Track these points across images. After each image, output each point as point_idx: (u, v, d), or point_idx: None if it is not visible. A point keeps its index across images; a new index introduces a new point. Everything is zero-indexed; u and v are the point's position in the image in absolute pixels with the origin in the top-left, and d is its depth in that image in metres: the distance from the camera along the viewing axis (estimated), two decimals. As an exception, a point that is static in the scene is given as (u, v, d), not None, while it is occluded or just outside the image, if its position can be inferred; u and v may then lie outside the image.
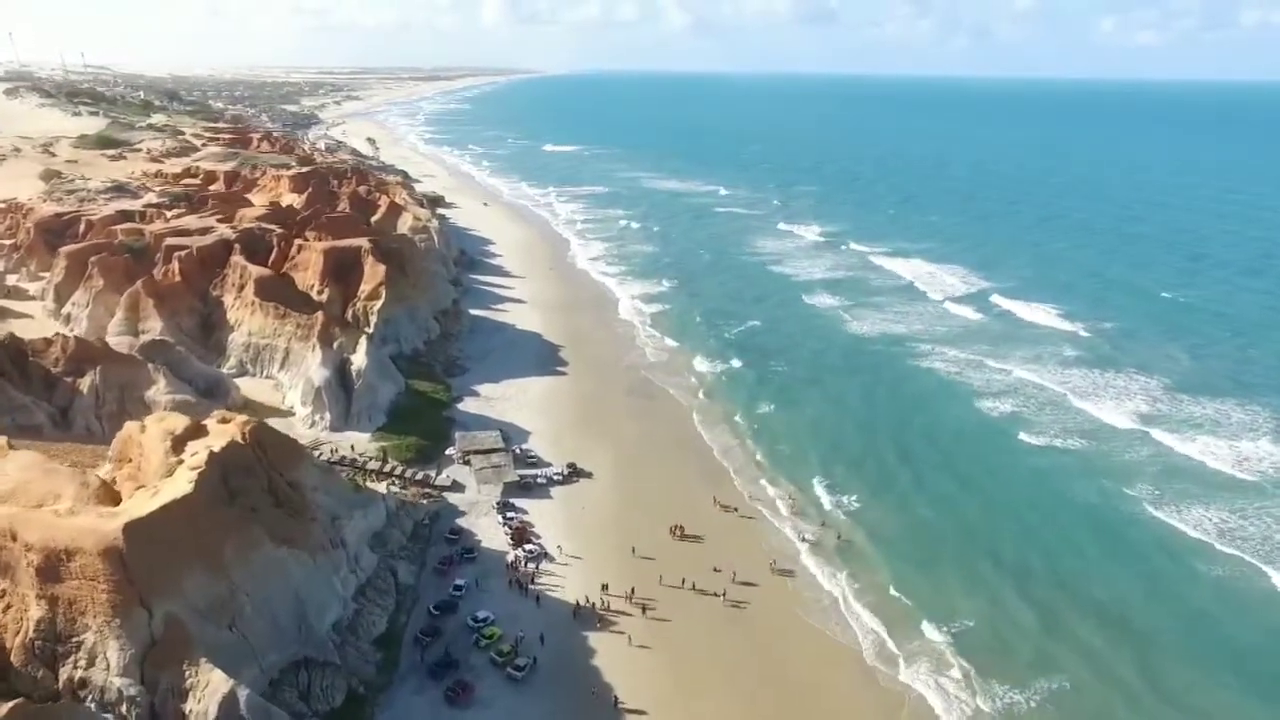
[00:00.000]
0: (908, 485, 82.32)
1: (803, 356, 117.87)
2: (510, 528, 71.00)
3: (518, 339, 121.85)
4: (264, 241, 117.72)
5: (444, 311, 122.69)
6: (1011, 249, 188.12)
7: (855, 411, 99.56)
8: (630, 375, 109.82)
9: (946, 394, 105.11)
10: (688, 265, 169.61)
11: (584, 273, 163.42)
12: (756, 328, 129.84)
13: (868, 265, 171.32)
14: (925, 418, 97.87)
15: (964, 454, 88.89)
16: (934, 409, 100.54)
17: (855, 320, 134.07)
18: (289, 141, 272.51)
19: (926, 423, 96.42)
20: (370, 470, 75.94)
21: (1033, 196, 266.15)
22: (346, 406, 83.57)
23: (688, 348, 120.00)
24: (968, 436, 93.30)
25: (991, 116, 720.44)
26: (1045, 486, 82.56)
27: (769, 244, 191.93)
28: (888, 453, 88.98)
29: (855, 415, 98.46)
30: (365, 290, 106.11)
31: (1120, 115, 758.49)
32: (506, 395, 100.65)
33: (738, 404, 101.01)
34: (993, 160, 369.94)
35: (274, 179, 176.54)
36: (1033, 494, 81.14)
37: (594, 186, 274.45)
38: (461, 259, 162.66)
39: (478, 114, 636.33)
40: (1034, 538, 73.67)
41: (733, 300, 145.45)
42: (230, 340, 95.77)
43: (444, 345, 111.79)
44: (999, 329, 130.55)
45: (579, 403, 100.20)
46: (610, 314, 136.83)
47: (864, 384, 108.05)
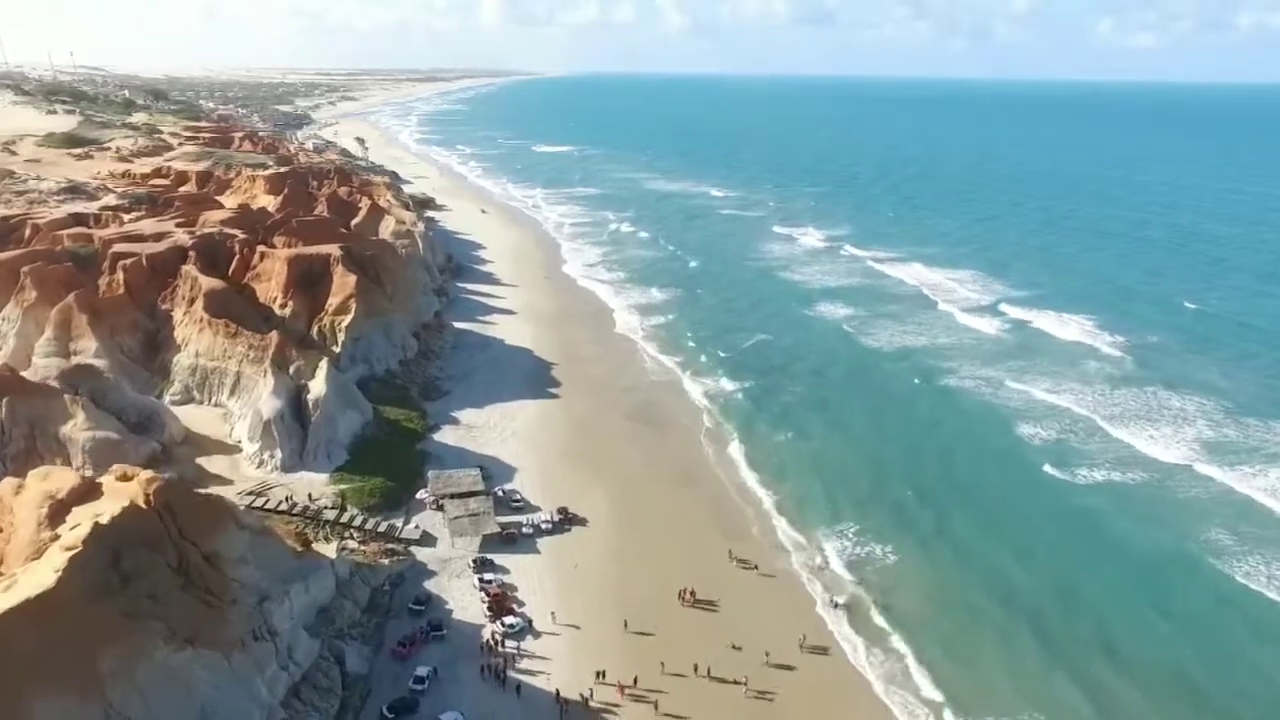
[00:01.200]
0: (942, 532, 71.59)
1: (815, 374, 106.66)
2: (488, 594, 59.48)
3: (506, 356, 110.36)
4: (225, 248, 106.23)
5: (425, 325, 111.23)
6: (1018, 253, 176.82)
7: (877, 440, 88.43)
8: (630, 397, 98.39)
9: (968, 420, 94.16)
10: (687, 272, 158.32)
11: (579, 281, 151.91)
12: (763, 342, 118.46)
13: (873, 272, 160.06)
14: (949, 448, 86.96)
15: (995, 494, 78.06)
16: (957, 437, 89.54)
17: (866, 334, 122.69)
18: (273, 141, 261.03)
19: (951, 454, 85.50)
20: (325, 521, 64.37)
21: (1035, 197, 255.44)
22: (301, 442, 72.01)
23: (691, 365, 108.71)
24: (996, 472, 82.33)
25: (990, 118, 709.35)
26: (1090, 534, 71.50)
27: (770, 248, 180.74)
28: (916, 491, 77.95)
29: (877, 445, 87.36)
30: (333, 304, 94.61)
31: (1119, 116, 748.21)
32: (490, 423, 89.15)
33: (750, 431, 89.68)
34: (992, 161, 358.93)
35: (249, 180, 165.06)
36: (1076, 543, 70.23)
37: (591, 188, 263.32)
38: (449, 266, 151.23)
39: (474, 114, 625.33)
40: (1081, 599, 62.70)
41: (736, 311, 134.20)
42: (175, 362, 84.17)
43: (422, 364, 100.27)
44: (1015, 342, 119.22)
45: (572, 431, 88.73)
46: (607, 326, 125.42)
47: (882, 407, 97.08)
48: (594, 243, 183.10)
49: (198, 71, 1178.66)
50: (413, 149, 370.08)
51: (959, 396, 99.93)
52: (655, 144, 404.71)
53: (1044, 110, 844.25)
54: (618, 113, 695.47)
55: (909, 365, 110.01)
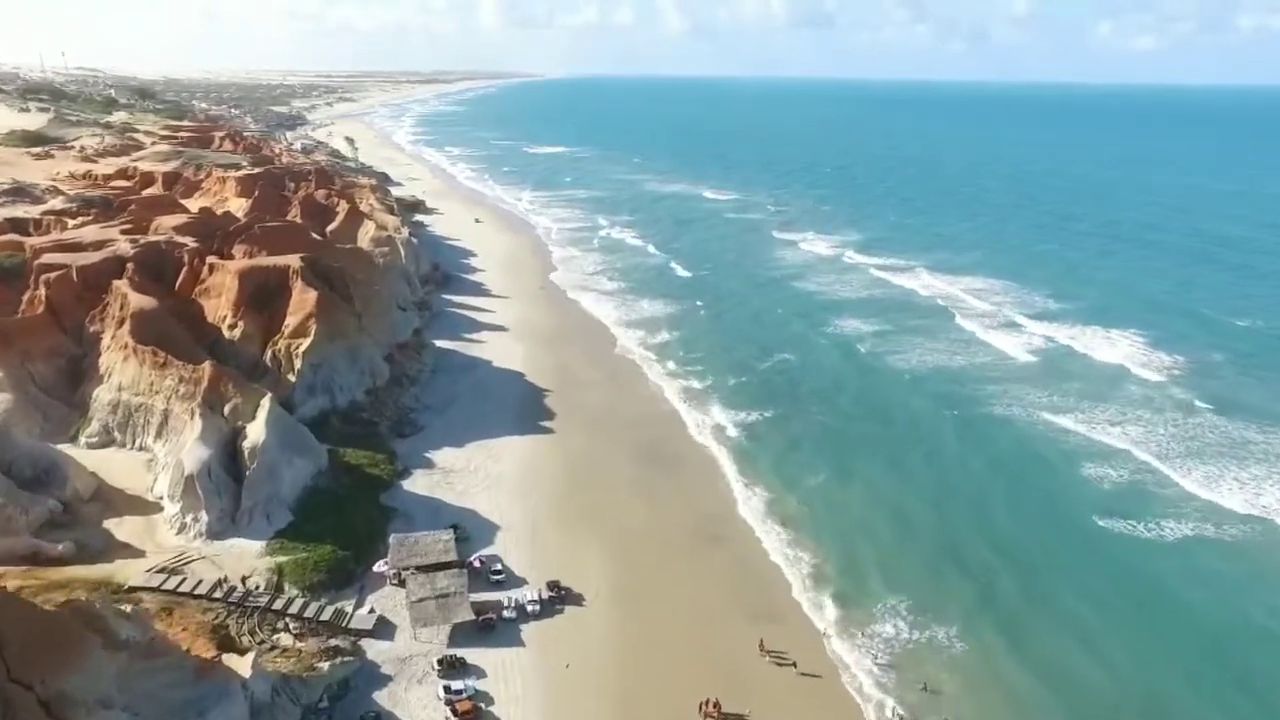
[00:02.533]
0: (1007, 608, 59.00)
1: (837, 402, 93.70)
2: (455, 710, 46.39)
3: (493, 380, 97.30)
4: (172, 259, 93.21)
5: (401, 345, 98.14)
6: (1030, 259, 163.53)
7: (918, 485, 76.05)
8: (633, 432, 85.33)
9: (1012, 460, 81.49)
10: (690, 282, 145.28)
11: (576, 292, 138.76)
12: (777, 364, 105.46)
13: (882, 282, 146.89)
14: (998, 497, 74.47)
15: (1059, 554, 66.04)
16: (1004, 483, 77.08)
17: (885, 354, 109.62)
18: (256, 142, 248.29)
19: (1003, 506, 73.11)
20: (253, 608, 51.26)
21: (1038, 199, 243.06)
22: (234, 500, 58.97)
23: (701, 391, 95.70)
24: (1057, 529, 69.57)
25: (989, 119, 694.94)
26: (1190, 615, 58.69)
27: (774, 256, 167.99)
28: (973, 553, 65.63)
29: (919, 491, 75.03)
30: (290, 324, 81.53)
31: (1119, 118, 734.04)
32: (471, 465, 76.11)
33: (772, 474, 76.84)
34: (992, 162, 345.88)
35: (219, 181, 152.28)
36: (1174, 630, 57.40)
37: (590, 190, 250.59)
38: (434, 276, 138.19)
39: (472, 115, 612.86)
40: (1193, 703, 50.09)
41: (744, 327, 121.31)
42: (95, 397, 71.06)
43: (395, 393, 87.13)
44: (1045, 365, 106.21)
45: (567, 475, 75.66)
46: (606, 345, 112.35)
47: (916, 444, 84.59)
48: (592, 249, 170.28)
49: (197, 73, 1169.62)
50: (407, 150, 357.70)
51: (996, 432, 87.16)
52: (655, 145, 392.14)
53: (1043, 112, 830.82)
54: (618, 114, 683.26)
55: (937, 393, 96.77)
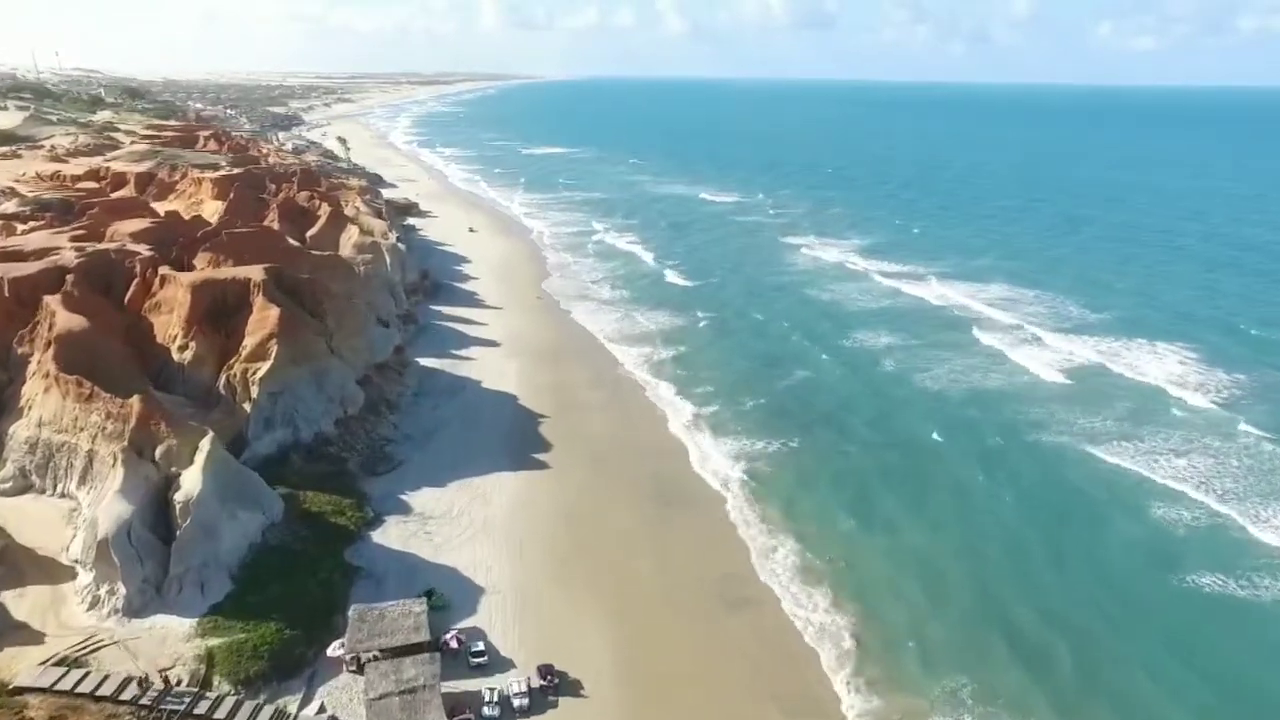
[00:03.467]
0: (1065, 694, 48.66)
1: (865, 430, 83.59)
2: None
3: (482, 405, 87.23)
4: (123, 269, 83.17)
5: (380, 366, 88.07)
6: (1046, 267, 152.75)
7: (963, 532, 66.46)
8: (639, 465, 75.28)
9: (1057, 499, 71.59)
10: (695, 292, 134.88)
11: (575, 302, 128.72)
12: (792, 383, 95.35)
13: (896, 292, 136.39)
14: (1044, 546, 64.89)
15: (1118, 620, 56.19)
16: (1049, 528, 67.26)
17: (911, 373, 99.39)
18: (245, 142, 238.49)
19: (1048, 557, 63.31)
20: (168, 712, 41.12)
21: (1046, 201, 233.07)
22: (161, 567, 48.86)
23: (712, 417, 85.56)
24: (1111, 585, 59.90)
25: (990, 120, 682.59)
26: None
27: (781, 263, 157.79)
28: (1022, 620, 55.54)
29: (964, 539, 65.46)
30: (248, 346, 71.43)
31: (1121, 119, 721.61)
32: (454, 509, 66.08)
33: (798, 517, 67.19)
34: (995, 163, 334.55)
35: (194, 183, 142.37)
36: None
37: (588, 193, 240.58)
38: (423, 285, 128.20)
39: (470, 116, 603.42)
40: None
41: (753, 340, 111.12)
42: (11, 434, 60.93)
43: (370, 422, 77.00)
44: (1080, 386, 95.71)
45: (565, 522, 65.59)
46: (608, 362, 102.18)
47: (956, 480, 74.55)
48: (590, 255, 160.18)
49: (198, 75, 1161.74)
50: (402, 151, 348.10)
51: (1033, 466, 76.98)
52: (655, 146, 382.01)
53: (1045, 113, 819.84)
54: (618, 115, 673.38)
55: (962, 419, 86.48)
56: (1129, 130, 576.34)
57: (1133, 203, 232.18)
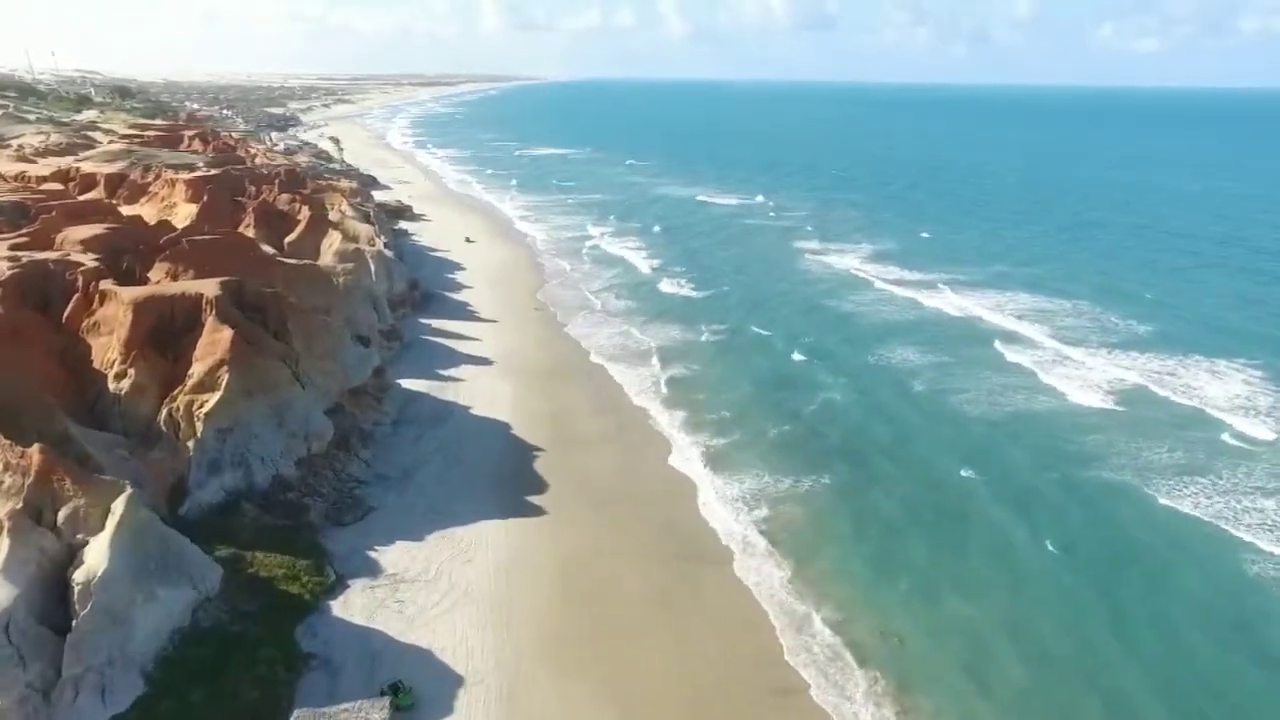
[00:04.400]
0: None
1: (901, 466, 73.29)
2: None
3: (470, 435, 77.31)
4: (62, 283, 73.39)
5: (356, 391, 78.21)
6: (1065, 275, 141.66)
7: (1015, 598, 55.59)
8: (648, 512, 65.36)
9: (1125, 556, 60.61)
10: (705, 302, 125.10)
11: (575, 312, 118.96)
12: (819, 408, 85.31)
13: (906, 302, 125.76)
14: (1143, 614, 53.91)
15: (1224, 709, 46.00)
16: (1120, 590, 56.49)
17: (934, 395, 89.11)
18: (233, 142, 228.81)
19: (1151, 629, 52.50)
20: None
21: (1056, 204, 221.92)
22: (53, 666, 38.95)
23: (726, 451, 75.44)
24: (1213, 667, 49.37)
25: (991, 121, 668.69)
26: None
27: (795, 268, 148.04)
28: (1140, 708, 45.42)
29: (1028, 605, 54.73)
30: (195, 374, 61.58)
31: (1125, 120, 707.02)
32: (431, 569, 56.17)
33: (843, 583, 56.97)
34: (999, 165, 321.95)
35: (168, 184, 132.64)
36: None
37: (588, 195, 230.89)
38: (410, 296, 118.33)
39: (470, 117, 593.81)
40: None
41: (772, 357, 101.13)
42: (-101, 485, 51.03)
43: (339, 460, 67.09)
44: (1130, 415, 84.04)
45: (563, 587, 55.65)
46: (609, 385, 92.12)
47: (1007, 528, 63.69)
48: (591, 262, 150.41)
49: (199, 76, 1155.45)
50: (400, 151, 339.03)
51: (1091, 511, 66.22)
52: (656, 148, 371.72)
53: (1046, 113, 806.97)
54: (619, 116, 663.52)
55: (1006, 454, 75.60)
56: (1132, 131, 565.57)
57: (1143, 204, 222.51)
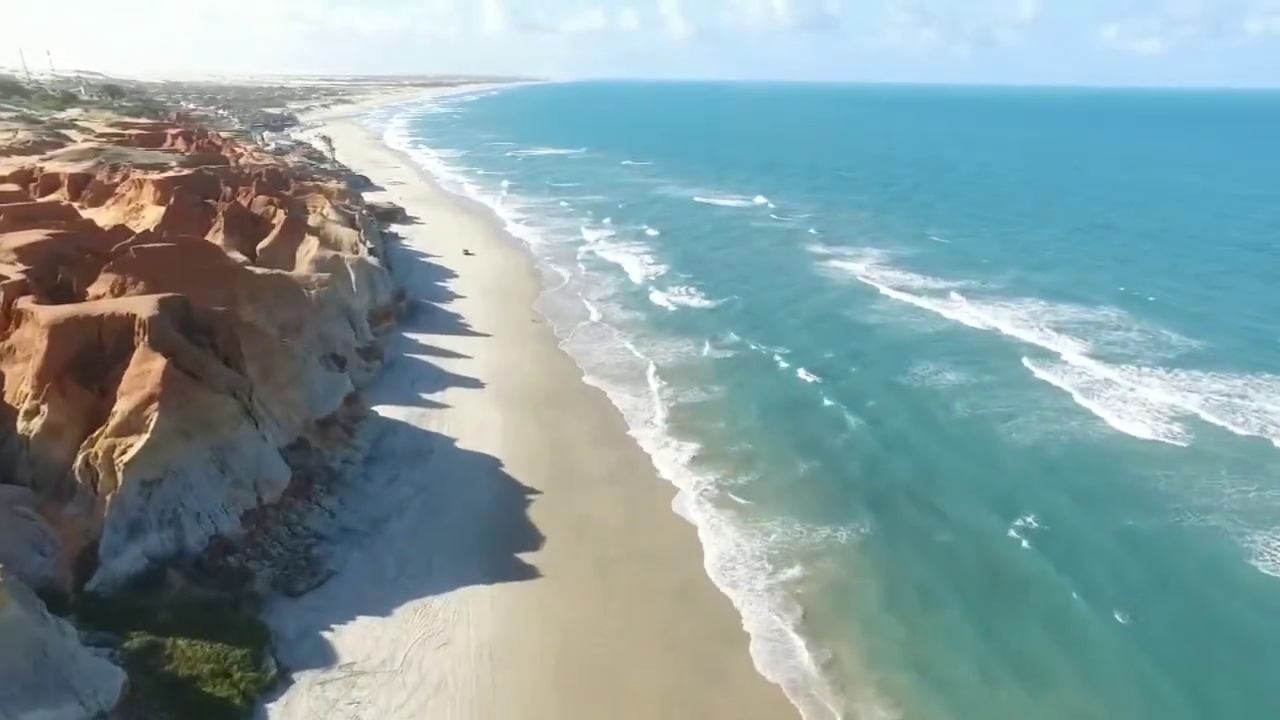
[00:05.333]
0: None
1: (936, 517, 62.04)
2: None
3: (455, 475, 67.09)
4: (-21, 299, 63.38)
5: (324, 422, 68.08)
6: (1091, 282, 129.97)
7: (1090, 694, 44.98)
8: (655, 574, 55.11)
9: (1209, 637, 49.70)
10: (714, 314, 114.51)
11: (575, 324, 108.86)
12: (841, 445, 74.06)
13: (939, 316, 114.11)
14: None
15: None
16: (1209, 684, 45.91)
17: (975, 425, 77.76)
18: (219, 141, 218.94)
19: None
20: None
21: (1067, 206, 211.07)
22: None
23: (745, 493, 64.83)
24: None
25: (994, 122, 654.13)
26: None
27: (805, 275, 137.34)
28: None
29: (1096, 709, 44.22)
30: (120, 412, 51.48)
31: (1128, 121, 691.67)
32: (397, 657, 45.92)
33: (887, 669, 46.50)
34: (1004, 165, 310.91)
35: (135, 185, 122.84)
36: None
37: (590, 196, 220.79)
38: (396, 307, 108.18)
39: (471, 117, 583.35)
40: None
41: (787, 380, 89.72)
42: None
43: (297, 511, 56.84)
44: (1199, 451, 72.39)
45: (561, 682, 45.36)
46: (612, 412, 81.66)
47: (1063, 598, 52.70)
48: (593, 269, 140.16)
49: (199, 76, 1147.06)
50: (396, 152, 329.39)
51: (1162, 576, 55.13)
52: (658, 149, 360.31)
53: (1049, 114, 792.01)
54: (621, 117, 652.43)
55: (1054, 501, 63.94)
56: (1138, 131, 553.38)
57: (1155, 205, 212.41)
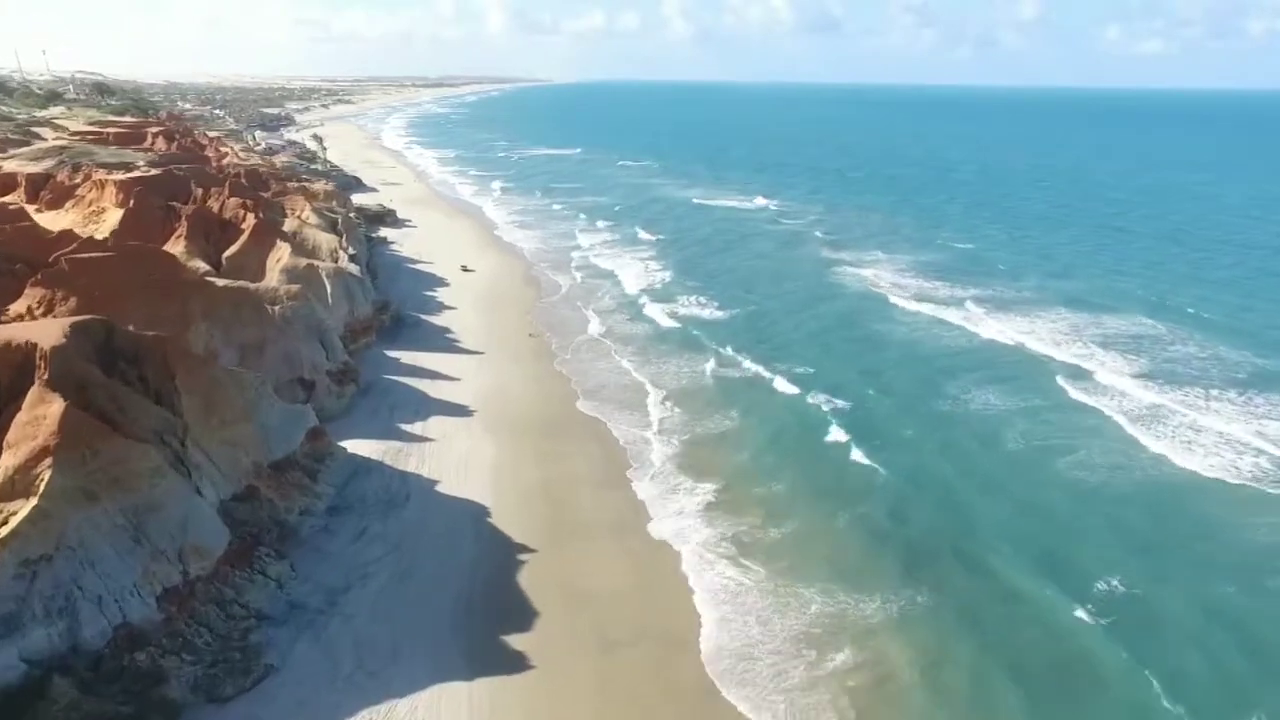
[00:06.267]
0: None
1: (1013, 589, 50.96)
2: None
3: (432, 528, 56.66)
4: None
5: (279, 466, 57.73)
6: (1122, 294, 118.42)
7: None
8: (663, 662, 44.65)
9: None
10: (727, 327, 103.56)
11: (576, 339, 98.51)
12: (874, 485, 63.16)
13: (955, 327, 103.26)
14: None
15: None
16: None
17: (1033, 462, 67.14)
18: (203, 140, 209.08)
19: None
20: None
21: (1080, 208, 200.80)
22: None
23: (768, 556, 53.52)
24: None
25: (996, 122, 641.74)
26: None
27: (815, 283, 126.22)
28: None
29: None
30: (5, 470, 41.14)
31: (1137, 121, 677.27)
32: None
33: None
34: (1010, 166, 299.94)
35: (97, 186, 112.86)
36: None
37: (591, 198, 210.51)
38: (377, 320, 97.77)
39: (472, 118, 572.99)
40: None
41: (805, 408, 78.21)
42: None
43: (234, 584, 46.45)
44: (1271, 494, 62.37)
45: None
46: (616, 446, 70.92)
47: (1145, 695, 41.96)
48: (596, 278, 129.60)
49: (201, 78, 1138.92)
50: (392, 152, 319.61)
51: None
52: (659, 149, 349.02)
53: (1054, 115, 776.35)
54: (622, 117, 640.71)
55: (1140, 566, 52.48)
56: (1143, 132, 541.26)
57: (1171, 207, 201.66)
